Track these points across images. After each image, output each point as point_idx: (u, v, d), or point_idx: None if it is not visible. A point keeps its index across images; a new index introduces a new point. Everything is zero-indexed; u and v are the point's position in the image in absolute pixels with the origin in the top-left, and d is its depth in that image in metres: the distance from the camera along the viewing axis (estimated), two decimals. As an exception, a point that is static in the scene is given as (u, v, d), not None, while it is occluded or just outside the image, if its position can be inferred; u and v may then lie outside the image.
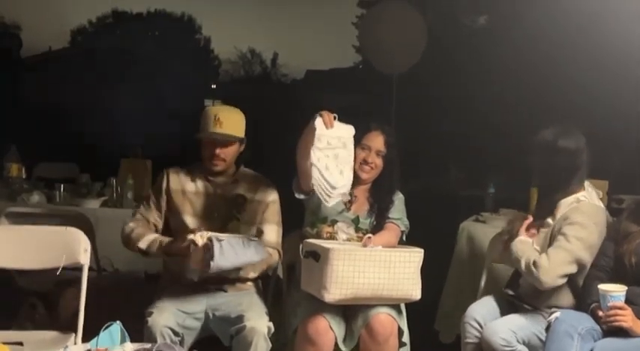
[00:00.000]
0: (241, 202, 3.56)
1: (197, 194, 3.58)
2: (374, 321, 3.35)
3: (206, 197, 3.58)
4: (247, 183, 3.62)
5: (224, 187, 3.59)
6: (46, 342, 3.15)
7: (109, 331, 2.94)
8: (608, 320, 3.07)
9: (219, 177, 3.59)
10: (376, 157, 3.69)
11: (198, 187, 3.58)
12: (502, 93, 5.35)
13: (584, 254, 3.32)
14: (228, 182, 3.60)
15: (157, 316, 3.26)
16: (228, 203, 3.56)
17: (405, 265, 3.30)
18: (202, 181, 3.59)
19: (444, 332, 4.44)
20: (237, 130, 3.54)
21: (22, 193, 4.98)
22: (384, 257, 3.28)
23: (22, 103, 7.25)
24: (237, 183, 3.61)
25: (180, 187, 3.58)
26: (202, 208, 3.56)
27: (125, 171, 5.05)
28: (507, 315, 3.44)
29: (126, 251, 4.41)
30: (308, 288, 3.40)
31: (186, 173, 3.61)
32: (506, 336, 3.22)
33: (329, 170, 3.39)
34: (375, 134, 3.71)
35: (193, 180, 3.59)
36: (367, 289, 3.27)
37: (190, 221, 3.52)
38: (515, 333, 3.24)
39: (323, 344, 3.34)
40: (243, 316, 3.29)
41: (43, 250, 3.37)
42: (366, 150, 3.68)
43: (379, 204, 3.74)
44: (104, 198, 5.01)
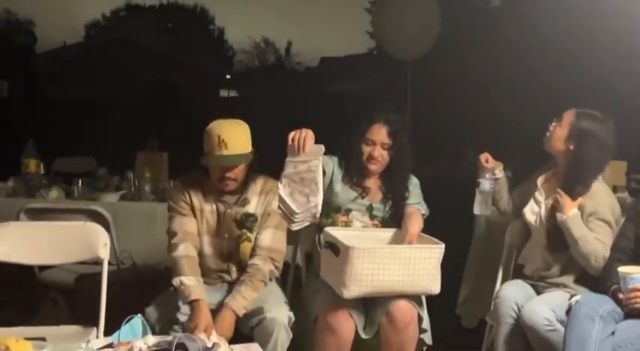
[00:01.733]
0: (252, 220, 3.48)
1: (212, 213, 3.50)
2: (394, 309, 3.35)
3: (218, 217, 3.51)
4: (257, 196, 3.53)
5: (233, 207, 3.50)
6: (69, 336, 3.17)
7: (131, 325, 2.96)
8: (628, 302, 3.06)
9: (229, 196, 3.50)
10: (382, 150, 3.65)
11: (212, 206, 3.50)
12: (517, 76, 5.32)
13: None
14: (238, 201, 3.50)
15: (151, 311, 3.30)
16: (239, 224, 3.50)
17: (426, 262, 3.28)
18: (214, 200, 3.50)
19: (466, 317, 4.43)
20: (243, 147, 3.40)
21: (41, 188, 5.00)
22: (405, 254, 3.26)
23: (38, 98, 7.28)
24: (247, 200, 3.51)
25: (199, 204, 3.50)
26: (215, 228, 3.51)
27: (142, 164, 5.05)
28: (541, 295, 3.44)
29: (145, 245, 4.45)
30: (327, 278, 3.41)
31: (201, 190, 3.50)
32: (548, 315, 3.20)
33: (293, 196, 3.38)
34: (378, 127, 3.63)
35: (207, 199, 3.50)
36: (386, 285, 3.26)
37: (205, 240, 3.49)
38: (555, 312, 3.22)
39: (343, 332, 3.34)
40: (262, 307, 3.30)
41: (62, 246, 3.39)
42: (371, 145, 3.64)
43: (393, 194, 3.72)
44: (122, 192, 5.03)
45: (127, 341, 2.77)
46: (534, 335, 3.22)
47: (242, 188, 3.50)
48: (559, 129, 3.48)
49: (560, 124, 3.48)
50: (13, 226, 3.47)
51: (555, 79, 4.72)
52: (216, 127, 3.37)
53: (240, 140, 3.40)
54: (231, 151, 3.34)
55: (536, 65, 6.07)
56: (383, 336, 3.40)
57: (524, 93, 5.18)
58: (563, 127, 3.47)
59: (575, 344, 2.90)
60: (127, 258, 4.41)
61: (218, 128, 3.36)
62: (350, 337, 3.37)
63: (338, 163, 3.72)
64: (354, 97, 6.36)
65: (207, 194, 3.50)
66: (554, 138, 3.50)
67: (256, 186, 3.54)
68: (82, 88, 13.89)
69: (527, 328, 3.24)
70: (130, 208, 4.76)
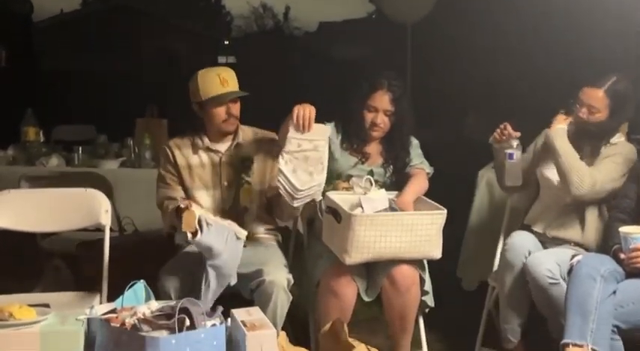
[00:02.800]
0: (248, 164, 3.53)
1: (203, 166, 3.55)
2: (396, 272, 3.36)
3: (212, 168, 3.55)
4: (249, 142, 3.60)
5: (227, 153, 3.57)
6: (72, 303, 3.19)
7: (134, 290, 2.97)
8: (630, 262, 3.06)
9: (221, 144, 3.56)
10: (384, 116, 3.64)
11: (203, 159, 3.56)
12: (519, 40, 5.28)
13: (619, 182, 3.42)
14: (231, 147, 3.57)
15: (168, 273, 3.30)
16: (235, 169, 3.54)
17: (428, 227, 3.29)
18: (205, 152, 3.56)
19: (467, 279, 4.45)
20: (238, 87, 3.52)
21: (41, 156, 5.01)
22: (407, 221, 3.27)
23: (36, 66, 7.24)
24: (240, 146, 3.58)
25: (186, 162, 3.55)
26: (210, 179, 3.55)
27: (141, 131, 5.05)
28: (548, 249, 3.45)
29: (146, 211, 4.45)
30: (329, 243, 3.42)
31: (187, 146, 3.57)
32: (553, 268, 3.21)
33: (296, 173, 3.35)
34: (381, 94, 3.62)
35: (196, 152, 3.55)
36: (388, 251, 3.28)
37: (201, 195, 3.52)
38: (560, 267, 3.22)
39: (345, 295, 3.36)
40: (262, 269, 3.31)
41: (64, 213, 3.40)
42: (373, 112, 3.62)
43: (394, 159, 3.72)
44: (122, 159, 5.03)
45: (130, 306, 2.78)
46: (537, 287, 3.23)
47: (234, 135, 3.57)
48: (598, 114, 3.42)
49: (592, 109, 3.42)
50: (14, 194, 3.47)
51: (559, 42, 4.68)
52: (210, 70, 3.50)
53: (235, 78, 3.52)
54: (233, 88, 3.47)
55: (540, 28, 6.01)
56: (385, 299, 3.42)
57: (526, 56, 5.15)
58: (602, 110, 3.41)
59: (576, 304, 2.91)
60: (129, 224, 4.42)
61: (213, 70, 3.51)
62: (352, 301, 3.39)
63: (335, 129, 3.71)
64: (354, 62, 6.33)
65: (196, 149, 3.55)
66: (595, 122, 3.44)
67: (247, 133, 3.61)
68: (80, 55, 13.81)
69: (531, 278, 3.25)
70: (131, 175, 4.77)
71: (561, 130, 3.46)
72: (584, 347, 2.83)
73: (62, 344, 2.64)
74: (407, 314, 3.43)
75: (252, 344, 2.69)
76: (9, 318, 2.67)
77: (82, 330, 2.68)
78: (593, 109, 3.42)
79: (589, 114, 3.43)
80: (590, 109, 3.43)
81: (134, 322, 2.60)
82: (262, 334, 2.72)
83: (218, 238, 3.16)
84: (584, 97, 3.44)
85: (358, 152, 3.70)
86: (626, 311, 2.94)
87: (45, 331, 2.65)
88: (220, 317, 2.76)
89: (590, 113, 3.43)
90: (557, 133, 3.45)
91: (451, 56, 5.45)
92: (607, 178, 3.41)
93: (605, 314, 2.88)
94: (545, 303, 3.25)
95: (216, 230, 3.15)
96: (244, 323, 2.78)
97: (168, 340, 2.52)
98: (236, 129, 3.59)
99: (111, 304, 2.89)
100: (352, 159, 3.68)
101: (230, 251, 3.21)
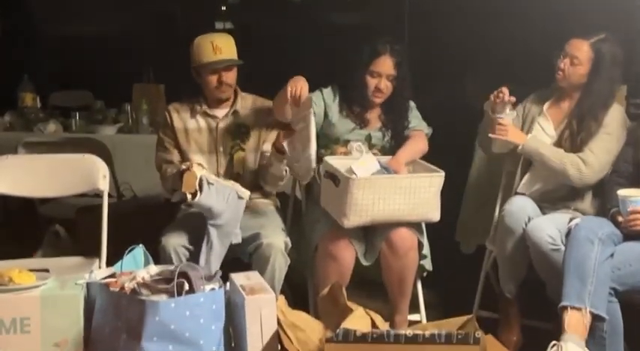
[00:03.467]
0: (244, 131, 3.55)
1: (199, 131, 3.58)
2: (394, 235, 3.37)
3: (208, 133, 3.58)
4: (247, 109, 3.61)
5: (224, 119, 3.59)
6: (72, 268, 3.19)
7: (133, 255, 2.99)
8: (628, 225, 3.07)
9: (219, 109, 3.59)
10: (387, 82, 3.62)
11: (200, 123, 3.58)
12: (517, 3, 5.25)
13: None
14: (228, 114, 3.58)
15: (170, 235, 3.30)
16: (231, 135, 3.56)
17: (426, 190, 3.30)
18: (202, 117, 3.59)
19: (465, 243, 4.45)
20: (234, 53, 3.52)
21: (38, 122, 4.99)
22: (405, 183, 3.27)
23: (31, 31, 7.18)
24: (237, 113, 3.59)
25: (183, 125, 3.58)
26: (206, 144, 3.57)
27: (138, 96, 5.03)
28: (547, 214, 3.45)
29: (145, 176, 4.46)
30: (327, 208, 3.42)
31: (186, 110, 3.60)
32: (553, 234, 3.21)
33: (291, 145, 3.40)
34: (384, 59, 3.59)
35: (194, 117, 3.58)
36: (387, 214, 3.28)
37: (197, 159, 3.51)
38: (560, 232, 3.22)
39: (344, 259, 3.37)
40: (259, 233, 3.32)
41: (62, 178, 3.39)
42: (377, 77, 3.60)
43: (393, 124, 3.70)
44: (120, 124, 5.01)
45: (129, 271, 2.79)
46: (538, 252, 3.23)
47: (232, 102, 3.59)
48: (579, 66, 3.42)
49: (574, 60, 3.42)
50: (12, 160, 3.46)
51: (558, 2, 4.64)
52: (206, 37, 3.51)
53: (231, 46, 3.53)
54: (226, 56, 3.47)
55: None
56: (383, 262, 3.43)
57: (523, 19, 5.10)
58: (584, 63, 3.41)
59: (574, 266, 2.91)
60: (128, 190, 4.42)
61: (209, 37, 3.51)
62: (350, 264, 3.40)
63: (332, 94, 3.68)
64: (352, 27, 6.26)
65: (194, 113, 3.57)
66: (575, 76, 3.45)
67: (246, 101, 3.62)
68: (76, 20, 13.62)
69: (532, 244, 3.25)
70: (129, 141, 4.76)
71: (533, 138, 3.48)
72: (582, 310, 2.84)
73: (62, 308, 2.66)
74: (405, 278, 3.45)
75: (251, 308, 2.71)
76: (9, 283, 2.69)
77: (81, 294, 2.70)
78: (575, 59, 3.41)
79: (570, 64, 3.42)
80: (573, 60, 3.42)
81: (133, 287, 2.62)
82: (261, 298, 2.74)
83: (219, 198, 3.18)
84: (569, 47, 3.45)
85: (358, 117, 3.68)
86: (624, 273, 2.95)
87: (45, 295, 2.67)
88: (219, 281, 2.78)
89: (572, 64, 3.42)
90: (532, 142, 3.46)
91: (449, 18, 5.40)
92: (602, 154, 3.39)
93: (602, 277, 2.89)
94: (545, 268, 3.25)
95: (216, 190, 3.18)
96: (243, 287, 2.80)
97: (168, 303, 2.54)
98: (235, 96, 3.59)
99: (110, 269, 2.91)
100: (350, 124, 3.66)
101: (231, 210, 3.25)
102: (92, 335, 2.68)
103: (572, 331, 2.80)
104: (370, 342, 2.53)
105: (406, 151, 3.57)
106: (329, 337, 2.55)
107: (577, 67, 3.42)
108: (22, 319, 2.64)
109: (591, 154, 3.38)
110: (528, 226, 3.30)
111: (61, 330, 2.65)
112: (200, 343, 2.58)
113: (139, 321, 2.51)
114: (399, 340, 2.53)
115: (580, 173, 3.37)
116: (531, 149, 3.45)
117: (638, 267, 2.96)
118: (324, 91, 3.68)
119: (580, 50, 3.42)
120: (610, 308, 2.90)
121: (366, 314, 2.89)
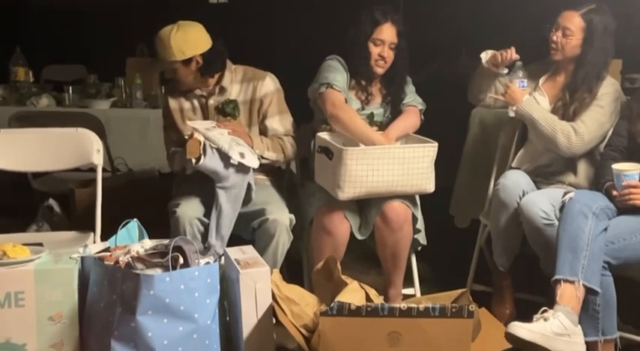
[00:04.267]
0: (233, 106, 3.54)
1: (194, 110, 3.58)
2: (388, 209, 3.37)
3: (201, 112, 3.58)
4: (237, 83, 3.58)
5: (212, 97, 3.57)
6: (66, 242, 3.19)
7: (127, 229, 2.98)
8: (622, 199, 3.07)
9: (205, 89, 3.57)
10: (389, 50, 3.60)
11: (193, 103, 3.58)
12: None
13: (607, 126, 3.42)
14: (215, 91, 3.56)
15: (185, 207, 3.29)
16: (221, 112, 3.54)
17: (420, 160, 3.29)
18: (194, 97, 3.59)
19: (459, 217, 4.46)
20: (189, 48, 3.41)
21: (31, 96, 4.97)
22: (399, 154, 3.27)
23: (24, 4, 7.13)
24: (224, 89, 3.56)
25: (178, 105, 3.59)
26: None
27: (132, 70, 5.00)
28: (542, 189, 3.45)
29: (139, 151, 4.46)
30: (321, 182, 3.42)
31: (181, 91, 3.59)
32: (547, 209, 3.20)
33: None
34: (387, 27, 3.58)
35: (188, 97, 3.58)
36: (381, 186, 3.28)
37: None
38: (554, 207, 3.21)
39: (338, 233, 3.37)
40: (264, 209, 3.33)
41: (55, 153, 3.38)
42: (380, 45, 3.57)
43: (393, 97, 3.69)
44: (113, 99, 4.99)
45: (123, 245, 2.79)
46: (531, 227, 3.23)
47: (218, 78, 3.56)
48: (571, 37, 3.41)
49: (566, 31, 3.41)
50: (5, 134, 3.44)
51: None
52: (164, 34, 3.42)
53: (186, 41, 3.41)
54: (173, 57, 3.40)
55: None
56: (378, 236, 3.44)
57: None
58: (576, 34, 3.41)
59: (567, 240, 2.92)
60: (122, 164, 4.41)
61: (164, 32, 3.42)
62: (345, 238, 3.40)
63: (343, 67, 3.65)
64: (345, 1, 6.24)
65: (186, 93, 3.58)
66: (568, 47, 3.44)
67: (236, 75, 3.60)
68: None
69: (526, 219, 3.25)
70: (122, 115, 4.74)
71: (529, 100, 3.46)
72: (575, 283, 2.85)
73: (56, 282, 2.66)
74: (399, 252, 3.46)
75: (245, 282, 2.72)
76: (3, 257, 2.68)
77: (75, 268, 2.70)
78: (567, 31, 3.41)
79: (562, 36, 3.42)
80: (565, 31, 3.42)
81: (128, 261, 2.62)
82: (256, 272, 2.75)
83: (225, 160, 3.20)
84: (560, 19, 3.45)
85: (364, 92, 3.66)
86: (617, 247, 2.96)
87: (39, 269, 2.67)
88: (214, 255, 2.78)
89: (564, 35, 3.42)
90: (529, 103, 3.44)
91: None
92: (594, 125, 3.39)
93: (596, 251, 2.90)
94: (539, 243, 3.25)
95: (220, 153, 3.19)
96: (238, 261, 2.80)
97: (162, 277, 2.54)
98: (222, 72, 3.56)
99: (105, 243, 2.91)
100: (356, 103, 3.64)
101: (239, 172, 3.27)
102: (87, 309, 2.68)
103: (564, 303, 2.82)
104: (364, 315, 2.54)
105: (398, 126, 3.56)
106: (323, 310, 2.56)
107: (569, 38, 3.42)
108: (16, 293, 2.64)
109: (582, 125, 3.38)
110: (522, 201, 3.30)
111: (56, 304, 2.66)
112: (195, 316, 2.58)
113: (134, 295, 2.51)
114: (394, 314, 2.54)
115: (569, 142, 3.37)
116: (524, 112, 3.45)
117: (631, 241, 2.97)
118: (339, 61, 3.65)
119: (571, 21, 3.42)
120: (603, 282, 2.91)
121: (361, 288, 2.90)
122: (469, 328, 2.58)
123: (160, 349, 2.54)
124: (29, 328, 2.65)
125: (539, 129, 3.42)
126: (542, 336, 2.71)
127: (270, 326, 2.79)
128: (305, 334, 2.81)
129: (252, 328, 2.75)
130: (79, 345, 2.69)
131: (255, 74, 3.61)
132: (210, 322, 2.64)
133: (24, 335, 2.65)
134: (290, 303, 2.86)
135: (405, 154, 3.27)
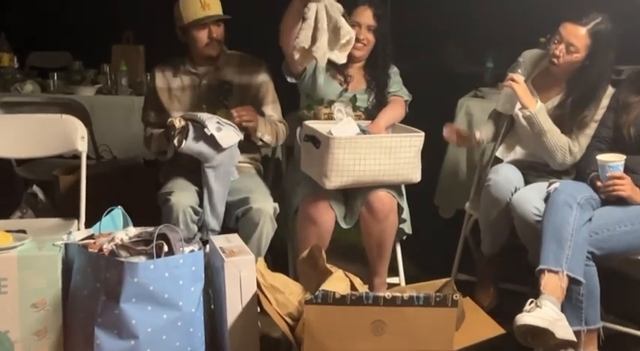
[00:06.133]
0: (228, 88, 3.54)
1: (183, 89, 3.57)
2: (373, 198, 3.37)
3: (192, 90, 3.57)
4: (233, 66, 3.59)
5: (208, 76, 3.57)
6: (50, 229, 3.17)
7: (111, 216, 2.97)
8: (607, 190, 3.09)
9: (203, 67, 3.57)
10: (367, 32, 3.60)
11: (184, 81, 3.58)
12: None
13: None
14: (212, 70, 3.57)
15: (179, 196, 3.27)
16: (215, 91, 3.54)
17: (406, 150, 3.29)
18: (186, 75, 3.58)
19: (444, 207, 4.48)
20: (221, 10, 3.50)
21: (16, 83, 4.93)
22: (386, 143, 3.27)
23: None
24: (222, 69, 3.57)
25: (166, 85, 3.58)
26: (189, 102, 3.56)
27: (118, 57, 4.98)
28: (532, 184, 3.43)
29: (124, 138, 4.44)
30: (307, 170, 3.41)
31: (170, 70, 3.59)
32: (539, 205, 3.17)
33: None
34: (363, 9, 3.60)
35: (177, 75, 3.58)
36: (368, 175, 3.28)
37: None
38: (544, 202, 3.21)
39: (323, 222, 3.37)
40: (248, 197, 3.32)
41: (39, 139, 3.35)
42: (356, 27, 3.57)
43: (376, 81, 3.69)
44: (98, 85, 4.96)
45: (108, 233, 2.78)
46: (523, 224, 3.21)
47: (216, 58, 3.57)
48: (575, 54, 3.28)
49: (570, 47, 3.28)
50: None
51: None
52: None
53: (218, 2, 3.50)
54: (215, 11, 3.46)
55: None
56: (363, 226, 3.44)
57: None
58: (580, 51, 3.28)
59: (552, 230, 2.93)
60: (106, 151, 4.39)
61: None
62: (330, 227, 3.40)
63: None
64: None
65: (177, 72, 3.58)
66: (570, 63, 3.32)
67: (232, 58, 3.62)
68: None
69: (517, 216, 3.23)
70: (107, 102, 4.72)
71: (542, 109, 3.36)
72: (559, 273, 2.86)
73: (39, 269, 2.65)
74: (384, 241, 3.46)
75: (230, 270, 2.71)
76: (-15, 243, 2.66)
77: (59, 255, 2.68)
78: (571, 47, 3.28)
79: (566, 52, 3.31)
80: (569, 48, 3.29)
81: (112, 248, 2.61)
82: (241, 260, 2.74)
83: (208, 141, 3.21)
84: (564, 32, 3.31)
85: (341, 74, 3.66)
86: (601, 238, 2.98)
87: (22, 255, 2.65)
88: (199, 243, 2.78)
89: (568, 52, 3.30)
90: (541, 114, 3.33)
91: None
92: (586, 143, 3.36)
93: (580, 241, 2.91)
94: (530, 238, 3.22)
95: (200, 132, 3.20)
96: (223, 250, 2.80)
97: (147, 265, 2.53)
98: (219, 53, 3.56)
99: (89, 231, 2.90)
100: (336, 86, 3.64)
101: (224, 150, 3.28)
102: (70, 296, 2.67)
103: (548, 292, 2.83)
104: (349, 304, 2.54)
105: (386, 116, 3.57)
106: (308, 299, 2.55)
107: (573, 54, 3.30)
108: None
109: (577, 146, 3.35)
110: (514, 198, 3.26)
111: (39, 291, 2.64)
112: (179, 304, 2.58)
113: (118, 282, 2.50)
114: (378, 303, 2.54)
115: (563, 160, 3.34)
116: (535, 120, 3.33)
117: (615, 231, 2.99)
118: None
119: (577, 37, 3.28)
120: (587, 272, 2.92)
121: (345, 277, 2.91)
122: (453, 317, 2.58)
123: (143, 336, 2.53)
124: (12, 315, 2.64)
125: (541, 140, 3.34)
126: (550, 322, 2.73)
127: (255, 314, 2.79)
128: (289, 323, 2.81)
129: (236, 316, 2.74)
130: (62, 332, 2.67)
131: (252, 60, 3.63)
132: (195, 310, 2.63)
133: (7, 322, 2.64)
134: (275, 291, 2.86)
135: (392, 143, 3.27)
